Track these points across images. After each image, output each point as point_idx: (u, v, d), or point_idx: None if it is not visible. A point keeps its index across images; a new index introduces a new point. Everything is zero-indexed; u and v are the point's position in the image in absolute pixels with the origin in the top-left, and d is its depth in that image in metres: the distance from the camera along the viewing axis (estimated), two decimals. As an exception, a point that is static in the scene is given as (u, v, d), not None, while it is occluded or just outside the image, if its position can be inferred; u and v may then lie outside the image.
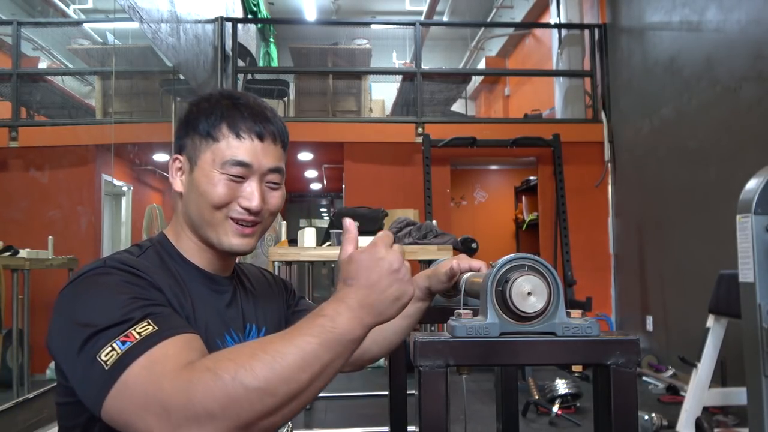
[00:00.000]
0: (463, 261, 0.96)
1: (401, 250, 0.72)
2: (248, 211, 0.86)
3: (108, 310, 0.70)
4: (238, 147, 0.85)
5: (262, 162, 0.87)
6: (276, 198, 0.90)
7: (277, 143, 0.89)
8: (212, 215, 0.86)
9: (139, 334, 0.67)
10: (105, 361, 0.65)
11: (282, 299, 1.07)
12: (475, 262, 0.94)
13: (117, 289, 0.73)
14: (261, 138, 0.87)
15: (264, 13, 7.23)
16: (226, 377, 0.60)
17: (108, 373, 0.64)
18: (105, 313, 0.69)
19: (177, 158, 0.91)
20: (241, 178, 0.86)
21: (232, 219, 0.87)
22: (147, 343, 0.66)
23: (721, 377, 3.08)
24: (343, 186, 5.31)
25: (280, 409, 0.62)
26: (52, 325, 0.74)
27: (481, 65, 8.18)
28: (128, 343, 0.66)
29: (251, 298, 0.99)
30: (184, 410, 0.59)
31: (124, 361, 0.64)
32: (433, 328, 2.66)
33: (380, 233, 0.73)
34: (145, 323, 0.68)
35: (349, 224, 0.75)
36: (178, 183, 0.90)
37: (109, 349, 0.66)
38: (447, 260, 0.98)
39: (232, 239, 0.87)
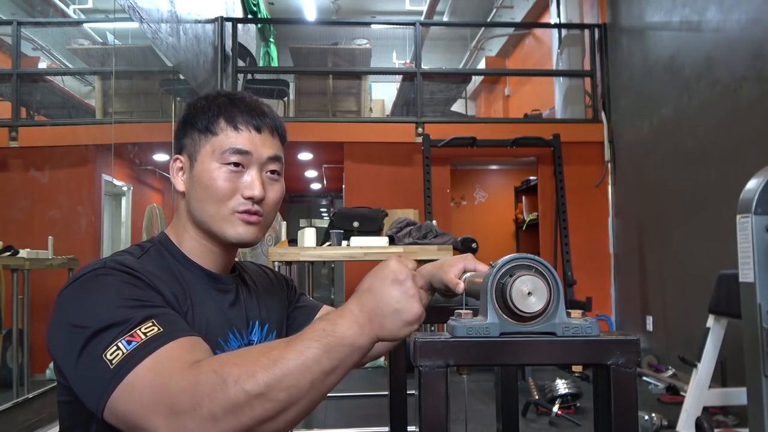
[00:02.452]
0: (469, 263, 0.94)
1: (416, 272, 0.72)
2: (251, 200, 0.87)
3: (109, 309, 0.70)
4: (236, 137, 0.87)
5: (260, 151, 0.89)
6: (276, 191, 0.92)
7: (275, 135, 0.92)
8: (217, 209, 0.87)
9: (144, 334, 0.67)
10: (110, 360, 0.65)
11: (284, 295, 1.08)
12: (481, 265, 0.93)
13: (117, 289, 0.74)
14: (258, 130, 0.89)
15: (264, 13, 7.22)
16: (229, 381, 0.60)
17: (113, 373, 0.65)
18: (106, 313, 0.70)
19: (177, 158, 0.93)
20: (241, 167, 0.87)
21: (237, 213, 0.88)
22: (153, 344, 0.66)
23: (721, 377, 3.08)
24: (343, 186, 5.32)
25: (279, 415, 0.62)
26: (51, 325, 0.74)
27: (481, 65, 8.18)
28: (134, 343, 0.66)
29: (254, 296, 1.00)
30: (191, 412, 0.60)
31: (131, 362, 0.64)
32: (433, 328, 2.66)
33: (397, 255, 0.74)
34: (150, 323, 0.69)
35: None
36: (179, 182, 0.92)
37: (114, 348, 0.66)
38: (454, 260, 0.95)
39: (238, 228, 0.88)
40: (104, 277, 0.76)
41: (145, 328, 0.68)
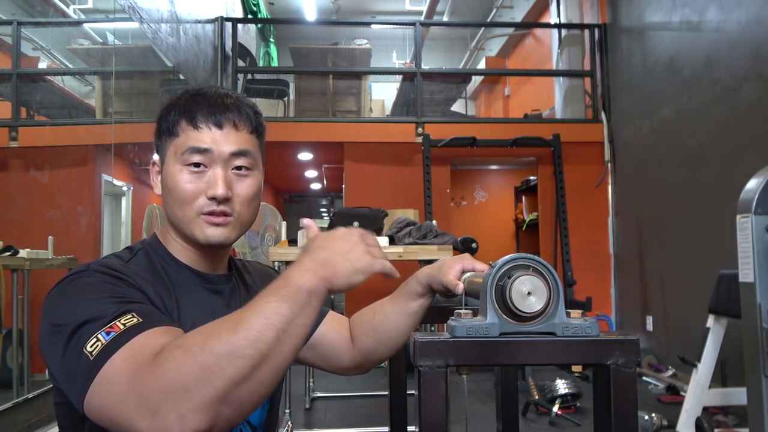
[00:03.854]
0: (467, 263, 0.94)
1: (372, 236, 0.78)
2: (215, 199, 0.85)
3: (89, 305, 0.70)
4: (197, 136, 0.86)
5: (221, 147, 0.86)
6: (246, 186, 0.89)
7: (241, 129, 0.88)
8: (183, 212, 0.86)
9: (123, 324, 0.67)
10: (90, 352, 0.65)
11: None
12: (479, 264, 0.93)
13: (98, 288, 0.74)
14: (219, 126, 0.86)
15: (264, 13, 7.23)
16: (195, 349, 0.60)
17: (92, 364, 0.64)
18: (87, 309, 0.70)
19: (155, 162, 0.92)
20: (204, 167, 0.86)
21: (203, 215, 0.86)
22: (130, 333, 0.66)
23: (721, 377, 3.08)
24: (343, 186, 5.32)
25: (253, 373, 0.60)
26: (40, 328, 0.75)
27: (481, 65, 8.18)
28: (113, 333, 0.66)
29: (252, 296, 0.98)
30: (161, 392, 0.58)
31: (108, 352, 0.64)
32: (433, 328, 2.66)
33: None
34: (130, 315, 0.69)
35: (308, 222, 0.82)
36: (157, 186, 0.92)
37: (94, 340, 0.66)
38: (452, 261, 0.95)
39: (206, 230, 0.86)
40: (86, 279, 0.76)
41: (125, 320, 0.67)
